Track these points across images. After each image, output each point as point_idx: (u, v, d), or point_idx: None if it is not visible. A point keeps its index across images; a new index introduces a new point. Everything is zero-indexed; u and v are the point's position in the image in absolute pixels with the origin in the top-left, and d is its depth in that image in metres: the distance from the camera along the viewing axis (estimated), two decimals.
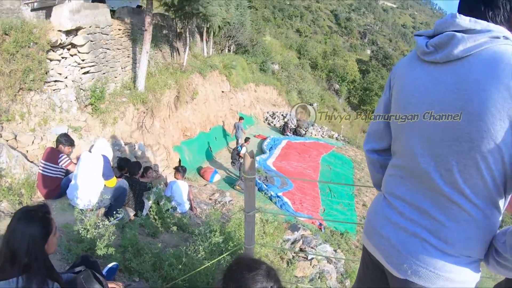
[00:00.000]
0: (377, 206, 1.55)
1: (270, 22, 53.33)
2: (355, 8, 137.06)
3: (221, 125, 15.93)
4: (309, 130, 24.58)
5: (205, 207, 7.67)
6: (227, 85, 17.37)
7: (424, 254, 1.30)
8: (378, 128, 1.61)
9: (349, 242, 11.21)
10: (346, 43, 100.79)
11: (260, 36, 30.25)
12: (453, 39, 1.19)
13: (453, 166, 1.21)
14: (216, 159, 13.77)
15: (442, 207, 1.26)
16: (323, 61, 52.92)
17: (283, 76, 31.28)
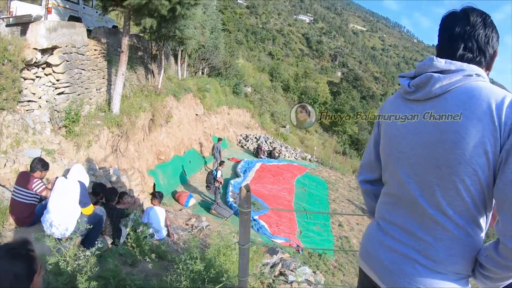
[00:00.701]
0: (371, 231, 1.66)
1: (243, 45, 54.09)
2: (326, 31, 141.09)
3: (195, 148, 15.78)
4: (282, 152, 24.76)
5: (182, 233, 7.49)
6: (201, 108, 17.34)
7: (414, 273, 1.40)
8: (369, 160, 1.78)
9: (328, 263, 11.26)
10: (317, 65, 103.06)
11: (233, 59, 30.58)
12: (431, 79, 1.37)
13: (436, 190, 1.34)
14: (191, 182, 13.56)
15: (429, 229, 1.38)
16: (295, 83, 53.93)
17: (256, 99, 31.60)
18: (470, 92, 1.30)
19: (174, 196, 11.53)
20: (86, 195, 4.29)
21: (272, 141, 26.94)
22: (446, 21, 1.51)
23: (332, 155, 33.34)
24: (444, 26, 1.51)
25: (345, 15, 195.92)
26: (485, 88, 1.30)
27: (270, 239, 11.03)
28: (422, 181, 1.39)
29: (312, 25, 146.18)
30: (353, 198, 20.62)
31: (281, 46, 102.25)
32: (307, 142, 36.27)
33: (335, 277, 10.60)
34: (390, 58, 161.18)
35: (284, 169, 20.57)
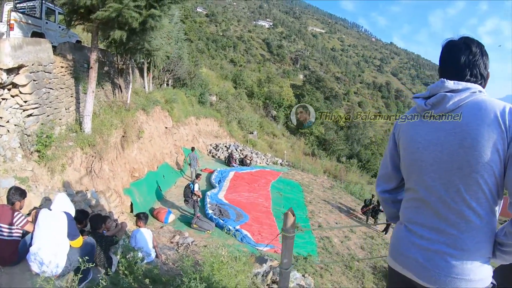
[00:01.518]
0: (400, 234, 1.89)
1: (205, 54, 53.82)
2: (286, 35, 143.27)
3: (168, 162, 15.39)
4: (253, 159, 24.73)
5: (169, 252, 7.21)
6: (170, 121, 16.99)
7: (447, 266, 1.64)
8: (386, 172, 2.06)
9: (314, 265, 11.22)
10: (279, 69, 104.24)
11: (197, 69, 30.29)
12: (445, 98, 1.70)
13: (461, 188, 1.61)
14: (167, 198, 13.18)
15: (453, 223, 1.64)
16: (259, 89, 54.16)
17: (222, 107, 31.42)
18: (478, 105, 1.63)
19: (153, 214, 11.09)
20: (74, 226, 4.00)
21: (242, 149, 26.86)
22: (451, 50, 1.82)
23: (302, 157, 33.59)
24: (449, 54, 1.83)
25: (304, 19, 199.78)
26: (489, 101, 1.64)
27: (255, 247, 10.89)
28: (447, 183, 1.65)
29: (272, 30, 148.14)
30: (328, 198, 20.86)
31: (242, 52, 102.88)
32: (275, 147, 36.44)
33: (324, 278, 10.62)
34: (350, 58, 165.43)
35: (258, 175, 20.55)
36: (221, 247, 6.60)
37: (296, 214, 10.98)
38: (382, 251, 14.88)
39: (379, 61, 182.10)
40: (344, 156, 50.84)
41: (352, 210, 19.77)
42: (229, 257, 5.95)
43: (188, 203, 12.12)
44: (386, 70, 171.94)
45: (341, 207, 19.88)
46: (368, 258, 13.63)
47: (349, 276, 11.56)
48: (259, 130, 38.11)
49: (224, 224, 11.68)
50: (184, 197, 12.26)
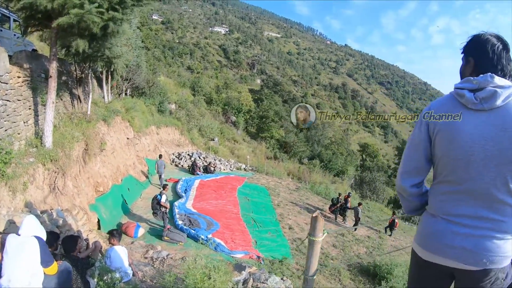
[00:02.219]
0: (437, 227, 1.96)
1: (161, 62, 52.93)
2: (242, 41, 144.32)
3: (132, 174, 14.85)
4: (217, 165, 24.51)
5: (145, 268, 6.87)
6: (131, 131, 16.44)
7: (494, 246, 1.81)
8: (417, 166, 2.06)
9: (290, 267, 11.29)
10: (237, 75, 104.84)
11: (155, 77, 29.62)
12: (496, 93, 1.76)
13: (509, 179, 1.76)
14: (134, 211, 12.67)
15: (497, 210, 1.80)
16: (217, 95, 53.91)
17: (182, 115, 30.94)
18: None
19: (121, 229, 10.53)
20: (48, 251, 3.64)
21: (205, 156, 26.55)
22: (485, 43, 1.91)
23: (265, 161, 33.66)
24: (482, 47, 1.91)
25: (260, 24, 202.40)
26: None
27: (230, 255, 10.72)
28: (496, 176, 1.76)
29: (228, 36, 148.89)
30: (295, 200, 21.01)
31: (199, 59, 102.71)
32: (237, 152, 36.29)
33: (301, 279, 10.57)
34: (306, 61, 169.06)
35: (223, 182, 20.37)
36: (199, 258, 6.41)
37: (265, 217, 11.16)
38: (354, 247, 15.14)
39: (335, 63, 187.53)
40: (305, 158, 51.51)
41: (320, 210, 19.99)
42: (210, 268, 5.80)
43: (157, 215, 11.75)
44: (342, 71, 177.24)
45: (309, 207, 20.05)
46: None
47: (326, 275, 11.65)
48: (220, 137, 37.86)
49: (196, 234, 11.42)
50: (152, 210, 11.87)
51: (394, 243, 17.86)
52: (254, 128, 55.94)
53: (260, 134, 54.26)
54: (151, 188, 15.75)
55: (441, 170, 1.95)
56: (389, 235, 18.76)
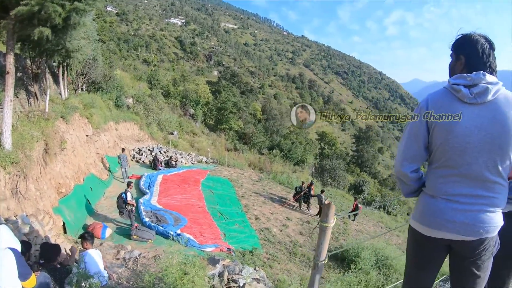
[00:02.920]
0: (438, 206, 2.23)
1: (116, 55, 51.03)
2: (199, 32, 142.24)
3: (93, 173, 14.33)
4: (179, 159, 24.24)
5: (120, 270, 6.74)
6: (90, 128, 15.84)
7: (488, 219, 2.13)
8: (415, 154, 2.31)
9: (261, 257, 11.45)
10: (193, 67, 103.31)
11: (112, 71, 28.55)
12: (487, 89, 2.05)
13: (498, 163, 2.07)
14: (98, 211, 12.26)
15: (489, 188, 2.11)
16: (175, 88, 52.92)
17: (141, 109, 30.16)
18: (509, 97, 2.07)
19: (87, 230, 10.28)
20: (25, 263, 3.34)
21: (166, 150, 26.15)
22: (475, 43, 2.17)
23: (226, 153, 33.64)
24: (473, 46, 2.17)
25: (216, 15, 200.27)
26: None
27: (201, 249, 10.70)
28: (487, 160, 2.07)
29: (184, 27, 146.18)
30: (259, 190, 21.22)
31: (155, 52, 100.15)
32: (197, 145, 35.93)
33: (273, 268, 10.77)
34: (263, 52, 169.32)
35: (186, 176, 20.21)
36: (173, 255, 6.38)
37: (231, 209, 11.25)
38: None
39: (291, 53, 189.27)
40: (265, 148, 51.78)
41: (284, 199, 20.32)
42: (186, 264, 5.79)
43: (123, 214, 11.47)
44: (299, 62, 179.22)
45: (273, 197, 20.34)
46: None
47: (296, 262, 11.89)
48: (179, 130, 37.30)
49: (165, 230, 11.30)
50: (118, 209, 11.58)
51: (358, 227, 18.50)
52: (212, 120, 55.51)
53: (219, 126, 53.97)
54: (113, 186, 15.34)
55: (440, 156, 2.21)
56: (353, 220, 19.42)
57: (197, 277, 5.63)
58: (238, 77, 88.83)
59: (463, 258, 2.31)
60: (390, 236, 18.31)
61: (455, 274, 2.44)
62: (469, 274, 2.32)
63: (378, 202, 31.82)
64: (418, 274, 2.53)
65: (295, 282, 8.00)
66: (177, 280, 5.30)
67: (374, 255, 11.89)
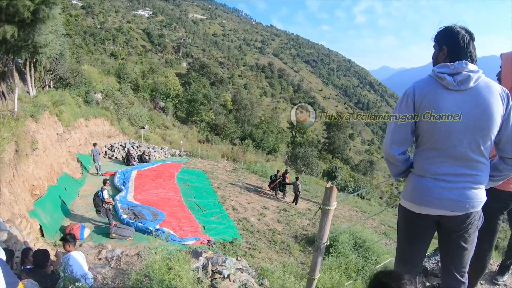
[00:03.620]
0: (427, 185, 2.42)
1: (83, 49, 49.40)
2: (167, 24, 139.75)
3: (66, 172, 14.00)
4: (151, 154, 24.00)
5: (103, 270, 6.68)
6: (60, 126, 15.42)
7: (473, 195, 2.34)
8: (404, 137, 2.50)
9: (242, 247, 11.59)
10: (162, 59, 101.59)
11: (79, 66, 27.68)
12: (469, 77, 2.26)
13: (480, 144, 2.28)
14: (74, 211, 12.02)
15: (473, 167, 2.32)
16: (144, 81, 51.93)
17: (110, 105, 29.49)
18: (488, 83, 2.29)
19: (65, 232, 9.90)
20: (11, 272, 3.15)
21: (138, 145, 25.82)
22: (462, 37, 2.36)
23: (198, 145, 33.46)
24: (461, 40, 2.36)
25: (184, 6, 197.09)
26: (492, 81, 2.33)
27: (182, 243, 10.76)
28: (471, 141, 2.28)
29: (152, 19, 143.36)
30: (234, 180, 21.33)
31: (122, 45, 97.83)
32: (169, 138, 35.58)
33: (254, 257, 10.93)
34: (232, 42, 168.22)
35: (160, 170, 20.06)
36: (153, 249, 6.40)
37: (208, 201, 11.34)
38: (297, 220, 15.80)
39: (260, 43, 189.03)
40: (237, 138, 51.76)
41: (259, 188, 20.51)
42: (170, 259, 5.83)
43: (100, 213, 11.35)
44: (268, 51, 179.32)
45: (249, 187, 20.48)
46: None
47: (277, 250, 12.09)
48: (150, 124, 36.74)
49: (144, 226, 11.27)
50: (95, 207, 11.44)
51: (334, 213, 18.83)
52: (183, 113, 54.83)
53: (190, 118, 53.46)
54: (88, 185, 15.05)
55: (427, 139, 2.41)
56: None
57: (182, 271, 5.69)
58: (208, 68, 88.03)
59: (451, 232, 2.54)
60: (365, 220, 18.87)
61: (445, 248, 2.67)
62: (458, 247, 2.54)
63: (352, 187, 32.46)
64: (410, 249, 2.74)
65: (278, 269, 8.15)
66: (163, 275, 5.35)
67: (352, 238, 12.24)
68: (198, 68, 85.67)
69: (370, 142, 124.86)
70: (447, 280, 2.68)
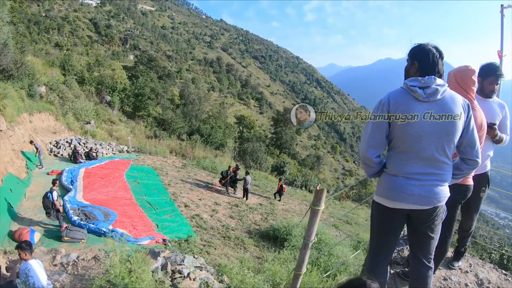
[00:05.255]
0: (399, 183, 2.79)
1: (26, 38, 46.16)
2: (115, 14, 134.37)
3: (11, 172, 13.29)
4: (99, 150, 23.35)
5: (60, 278, 6.60)
6: (3, 122, 14.60)
7: (439, 191, 2.74)
8: (379, 142, 2.83)
9: (197, 244, 11.70)
10: (108, 51, 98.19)
11: (23, 56, 25.96)
12: (437, 90, 2.64)
13: (445, 147, 2.67)
14: (22, 214, 11.45)
15: (439, 167, 2.72)
16: (89, 74, 49.79)
17: (55, 98, 28.06)
18: (453, 95, 2.72)
19: (14, 237, 9.50)
20: None
21: (85, 142, 24.92)
22: (432, 54, 2.73)
23: (146, 141, 32.83)
24: (431, 57, 2.72)
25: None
26: (455, 93, 2.76)
27: (136, 243, 10.73)
28: (437, 145, 2.66)
29: (100, 8, 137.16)
30: (184, 177, 21.38)
31: (68, 35, 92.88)
32: (115, 134, 34.47)
33: (211, 254, 11.12)
34: (181, 35, 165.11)
35: (109, 168, 19.66)
36: (110, 252, 6.42)
37: (159, 198, 11.51)
38: (249, 215, 16.22)
39: (210, 37, 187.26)
40: (184, 134, 51.24)
41: (210, 184, 20.72)
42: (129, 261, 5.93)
43: (50, 215, 10.91)
44: (217, 46, 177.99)
45: (199, 183, 20.62)
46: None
47: (231, 246, 12.36)
48: (95, 119, 35.35)
49: (96, 227, 11.07)
50: (44, 209, 11.00)
51: (284, 207, 19.56)
52: (130, 107, 53.33)
53: (137, 112, 52.18)
54: (34, 185, 14.37)
55: (399, 143, 2.78)
56: (279, 200, 20.48)
57: (143, 273, 5.80)
58: (155, 62, 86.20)
59: (420, 224, 2.95)
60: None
61: (414, 238, 3.10)
62: (426, 237, 2.97)
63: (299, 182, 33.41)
64: (383, 240, 3.10)
65: (235, 265, 8.45)
66: (124, 278, 5.43)
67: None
68: (145, 61, 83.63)
69: (316, 137, 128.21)
70: (417, 266, 3.08)
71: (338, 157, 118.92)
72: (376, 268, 3.13)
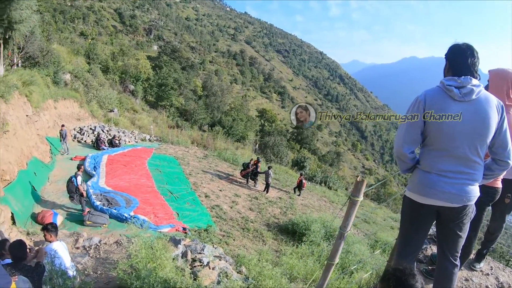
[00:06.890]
0: (432, 179, 2.80)
1: (51, 27, 47.01)
2: (139, 5, 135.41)
3: (36, 156, 13.47)
4: (122, 138, 23.56)
5: (83, 260, 6.61)
6: (29, 107, 14.83)
7: (469, 190, 2.73)
8: (414, 138, 2.86)
9: (216, 235, 11.67)
10: (133, 41, 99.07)
11: (49, 44, 26.41)
12: (473, 91, 2.65)
13: (478, 146, 2.67)
14: (45, 197, 11.65)
15: (470, 167, 2.71)
16: (114, 63, 50.39)
17: (80, 86, 28.50)
18: (487, 96, 2.70)
19: (37, 220, 9.68)
20: (3, 271, 2.95)
21: (109, 129, 25.23)
22: (466, 54, 2.74)
23: (168, 131, 33.02)
24: (464, 57, 2.74)
25: None
26: (490, 95, 2.72)
27: (157, 230, 10.74)
28: (470, 144, 2.66)
29: None
30: (205, 167, 21.34)
31: (93, 24, 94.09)
32: (138, 123, 34.86)
33: (229, 245, 11.09)
34: (205, 27, 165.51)
35: (132, 155, 19.82)
36: (132, 238, 6.36)
37: (180, 187, 11.39)
38: (269, 209, 16.09)
39: (233, 30, 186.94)
40: (206, 125, 51.43)
41: (231, 175, 20.66)
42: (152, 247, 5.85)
43: (73, 199, 11.00)
44: (240, 38, 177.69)
45: (220, 174, 20.60)
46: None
47: (250, 238, 12.30)
48: (119, 107, 35.82)
49: (118, 213, 11.15)
50: (68, 193, 11.10)
51: (304, 202, 19.37)
52: (153, 97, 53.85)
53: (160, 102, 52.61)
54: (57, 169, 14.62)
55: (433, 141, 2.80)
56: (298, 195, 20.29)
57: (165, 260, 5.73)
58: (179, 53, 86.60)
59: (449, 221, 2.96)
60: (334, 209, 19.43)
61: (442, 235, 3.10)
62: (454, 234, 2.98)
63: (319, 178, 33.00)
64: (413, 234, 3.12)
65: (254, 257, 8.33)
66: (150, 263, 5.37)
67: (322, 227, 12.60)
68: (169, 52, 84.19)
69: (338, 134, 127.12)
70: (444, 262, 3.09)
71: (359, 155, 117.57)
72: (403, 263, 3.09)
